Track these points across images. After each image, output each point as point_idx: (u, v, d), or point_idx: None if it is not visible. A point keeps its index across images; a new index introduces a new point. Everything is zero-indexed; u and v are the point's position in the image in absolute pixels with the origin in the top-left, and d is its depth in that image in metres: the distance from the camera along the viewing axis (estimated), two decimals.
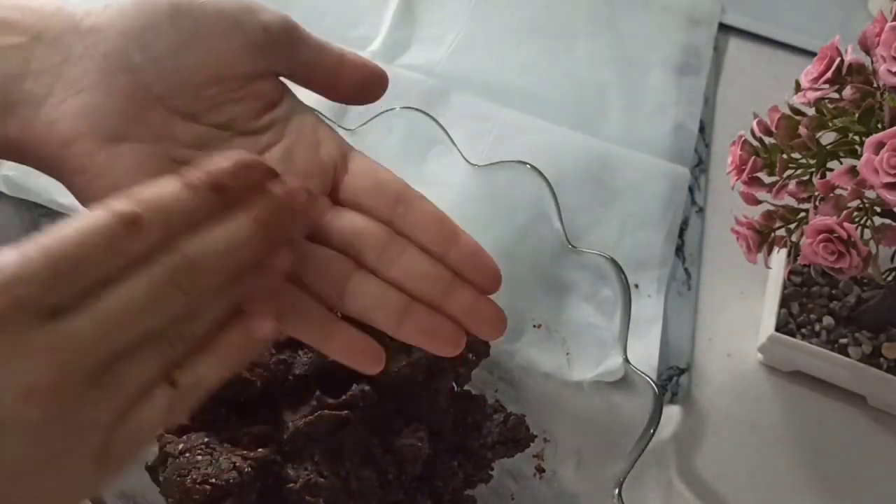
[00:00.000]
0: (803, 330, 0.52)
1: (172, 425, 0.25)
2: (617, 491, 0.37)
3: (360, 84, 0.32)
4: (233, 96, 0.30)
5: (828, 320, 0.52)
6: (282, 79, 0.32)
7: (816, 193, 0.41)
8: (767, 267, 0.46)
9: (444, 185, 0.49)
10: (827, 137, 0.42)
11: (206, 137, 0.30)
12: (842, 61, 0.42)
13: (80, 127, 0.28)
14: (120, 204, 0.23)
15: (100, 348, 0.23)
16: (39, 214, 0.52)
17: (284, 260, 0.27)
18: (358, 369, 0.30)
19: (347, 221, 0.31)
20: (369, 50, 0.63)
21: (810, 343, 0.51)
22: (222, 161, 0.26)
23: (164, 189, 0.24)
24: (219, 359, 0.26)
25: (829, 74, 0.42)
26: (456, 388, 0.42)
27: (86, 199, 0.28)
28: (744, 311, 0.56)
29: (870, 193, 0.39)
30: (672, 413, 0.51)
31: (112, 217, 0.23)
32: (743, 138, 0.46)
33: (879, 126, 0.39)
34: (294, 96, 0.33)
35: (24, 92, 0.28)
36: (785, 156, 0.43)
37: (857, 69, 0.42)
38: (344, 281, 0.30)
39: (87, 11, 0.29)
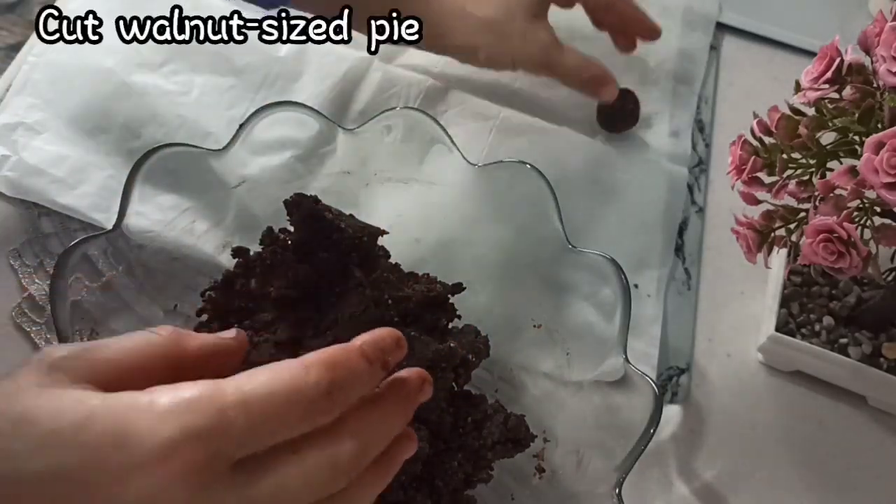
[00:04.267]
0: (803, 330, 0.52)
1: None
2: (617, 491, 0.37)
3: None
4: None
5: (828, 320, 0.52)
6: None
7: (816, 193, 0.41)
8: (767, 267, 0.46)
9: (444, 185, 0.49)
10: (827, 137, 0.42)
11: None
12: (842, 61, 0.42)
13: None
14: (317, 370, 0.24)
15: None
16: (39, 214, 0.52)
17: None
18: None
19: None
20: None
21: (810, 343, 0.51)
22: (387, 338, 0.27)
23: (353, 361, 0.26)
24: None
25: (829, 74, 0.42)
26: (456, 388, 0.42)
27: None
28: (744, 311, 0.56)
29: (870, 193, 0.39)
30: (672, 413, 0.51)
31: (313, 383, 0.24)
32: (743, 138, 0.46)
33: (879, 126, 0.39)
34: None
35: None
36: (785, 156, 0.43)
37: (857, 69, 0.42)
38: None
39: None
